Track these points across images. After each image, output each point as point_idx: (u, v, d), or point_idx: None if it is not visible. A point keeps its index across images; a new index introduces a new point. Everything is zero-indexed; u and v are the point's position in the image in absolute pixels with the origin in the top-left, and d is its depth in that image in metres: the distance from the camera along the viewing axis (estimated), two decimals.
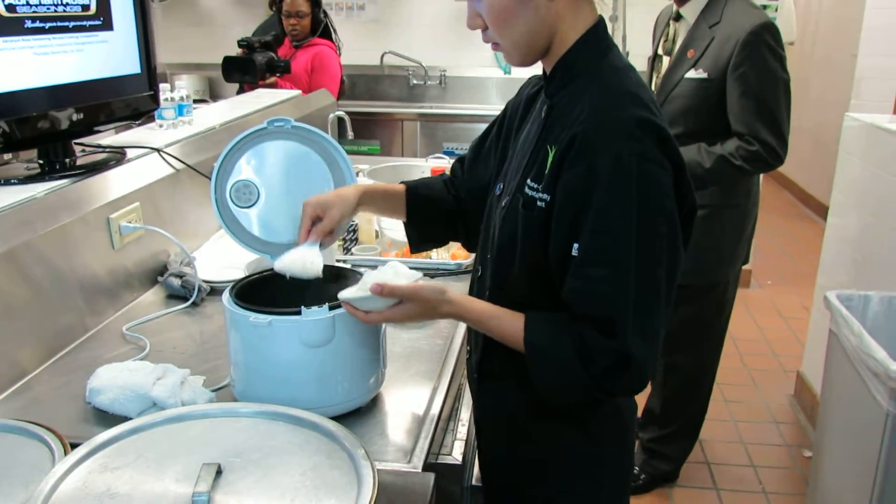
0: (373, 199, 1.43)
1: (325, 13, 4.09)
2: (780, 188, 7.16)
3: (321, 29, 4.07)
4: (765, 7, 4.24)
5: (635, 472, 2.83)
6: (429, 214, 1.49)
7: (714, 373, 2.77)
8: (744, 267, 2.74)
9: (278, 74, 3.60)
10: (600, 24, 1.20)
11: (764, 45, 2.24)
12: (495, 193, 1.32)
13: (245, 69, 3.38)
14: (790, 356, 3.80)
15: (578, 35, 1.17)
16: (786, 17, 4.63)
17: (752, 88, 2.25)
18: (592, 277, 1.09)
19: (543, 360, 1.14)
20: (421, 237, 1.53)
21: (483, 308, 1.21)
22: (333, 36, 4.23)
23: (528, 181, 1.18)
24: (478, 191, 1.45)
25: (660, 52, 2.56)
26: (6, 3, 1.51)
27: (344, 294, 1.20)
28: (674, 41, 2.49)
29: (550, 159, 1.14)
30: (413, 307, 1.18)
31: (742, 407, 3.37)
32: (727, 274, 2.57)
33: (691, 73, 2.35)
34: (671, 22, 2.51)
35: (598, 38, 1.19)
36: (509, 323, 1.18)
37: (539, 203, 1.15)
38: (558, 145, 1.13)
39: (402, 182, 1.49)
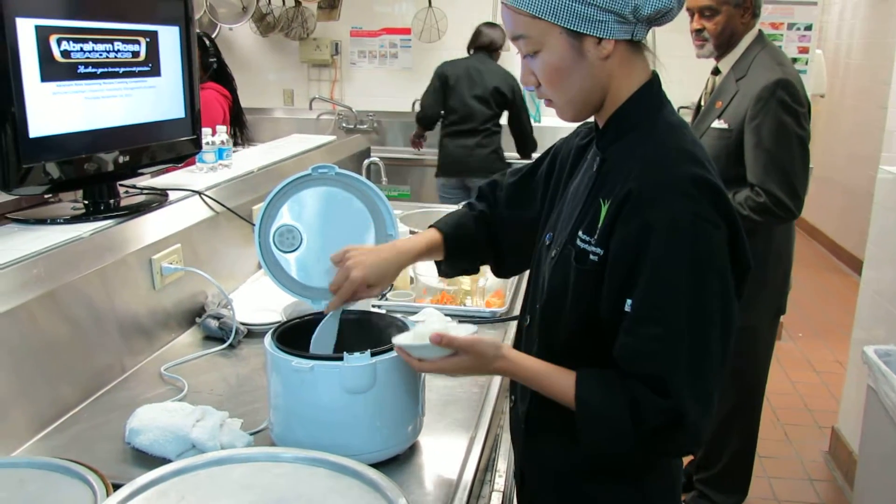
0: (416, 261, 1.47)
1: (217, 58, 4.14)
2: (810, 240, 7.10)
3: (210, 73, 4.12)
4: (794, 60, 4.27)
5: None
6: (465, 256, 1.52)
7: (751, 422, 2.73)
8: None
9: None
10: (654, 80, 1.21)
11: (777, 100, 2.31)
12: (545, 243, 1.32)
13: None
14: (824, 411, 3.73)
15: (632, 90, 1.18)
16: (816, 70, 4.65)
17: (765, 142, 2.33)
18: (644, 335, 1.08)
19: (593, 417, 1.13)
20: (454, 272, 1.57)
21: (534, 365, 1.20)
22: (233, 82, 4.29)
23: (580, 233, 1.18)
24: (517, 224, 1.47)
25: (702, 102, 2.65)
26: (62, 49, 1.56)
27: (399, 340, 1.20)
28: (710, 93, 2.58)
29: (604, 213, 1.14)
30: (467, 360, 1.18)
31: (776, 463, 3.30)
32: (748, 320, 2.54)
33: (716, 123, 2.46)
34: (710, 75, 2.61)
35: (651, 94, 1.20)
36: (560, 380, 1.16)
37: (592, 257, 1.15)
38: (612, 199, 1.13)
39: (434, 226, 1.50)
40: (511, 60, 4.80)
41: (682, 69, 2.78)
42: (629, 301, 1.09)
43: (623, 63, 1.16)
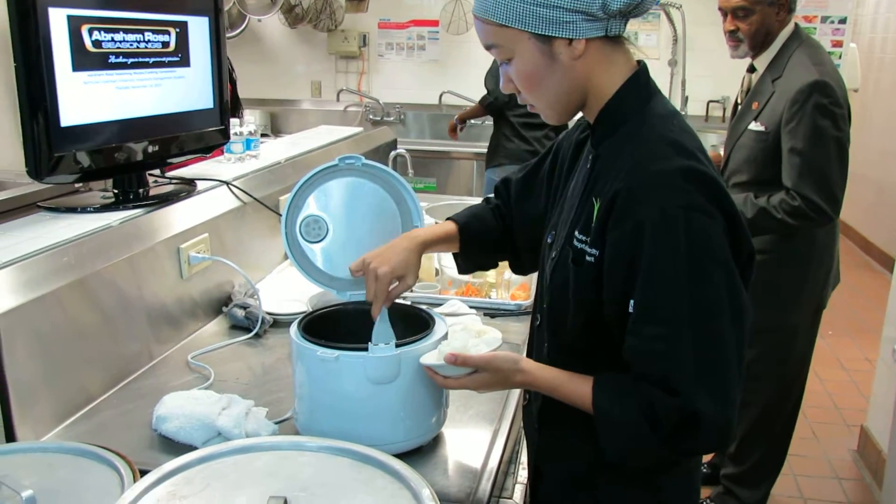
0: (431, 249, 1.45)
1: None
2: (840, 236, 6.99)
3: None
4: (829, 54, 4.19)
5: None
6: (481, 247, 1.51)
7: (789, 419, 2.70)
8: None
9: None
10: (640, 72, 1.18)
11: (812, 103, 2.25)
12: (547, 243, 1.31)
13: None
14: (853, 410, 3.67)
15: (616, 85, 1.16)
16: (850, 64, 4.57)
17: (799, 145, 2.27)
18: (648, 335, 1.07)
19: (610, 424, 1.12)
20: (470, 266, 1.57)
21: (552, 375, 1.20)
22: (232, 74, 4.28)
23: (576, 233, 1.17)
24: (527, 223, 1.46)
25: (738, 101, 2.60)
26: (93, 39, 1.57)
27: (425, 359, 1.23)
28: (747, 92, 2.53)
29: (596, 212, 1.13)
30: (487, 377, 1.19)
31: (803, 461, 3.26)
32: (789, 319, 2.51)
33: (753, 125, 2.41)
34: (746, 73, 2.56)
35: (638, 87, 1.17)
36: (577, 388, 1.16)
37: (588, 258, 1.14)
38: (602, 198, 1.12)
39: (450, 218, 1.50)
40: None
41: (712, 63, 2.74)
42: (632, 302, 1.08)
43: (601, 60, 1.14)
